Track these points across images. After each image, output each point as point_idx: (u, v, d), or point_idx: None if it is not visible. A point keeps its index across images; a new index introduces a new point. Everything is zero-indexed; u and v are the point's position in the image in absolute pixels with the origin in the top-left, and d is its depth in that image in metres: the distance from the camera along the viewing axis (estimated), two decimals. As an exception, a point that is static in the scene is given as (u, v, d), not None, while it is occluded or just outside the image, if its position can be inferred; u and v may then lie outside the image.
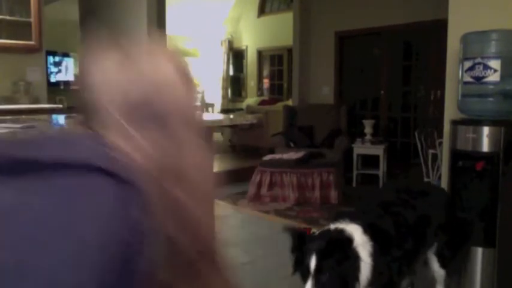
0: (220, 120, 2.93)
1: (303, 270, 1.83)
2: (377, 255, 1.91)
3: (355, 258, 1.86)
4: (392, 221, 2.12)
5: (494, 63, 2.51)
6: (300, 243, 1.91)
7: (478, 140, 2.56)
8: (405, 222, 2.16)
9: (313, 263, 1.78)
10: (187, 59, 0.82)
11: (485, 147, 2.54)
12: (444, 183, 3.09)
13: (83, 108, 0.73)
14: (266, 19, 10.77)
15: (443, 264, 2.46)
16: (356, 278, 1.85)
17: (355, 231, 1.91)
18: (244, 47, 11.52)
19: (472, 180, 2.61)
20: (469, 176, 2.62)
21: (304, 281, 1.80)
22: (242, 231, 4.32)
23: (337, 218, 2.03)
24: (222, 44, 11.97)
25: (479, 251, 2.62)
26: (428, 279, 2.59)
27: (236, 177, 6.32)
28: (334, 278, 1.80)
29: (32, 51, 5.01)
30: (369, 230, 1.95)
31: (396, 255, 2.05)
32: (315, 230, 2.05)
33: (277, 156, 5.73)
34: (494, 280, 2.53)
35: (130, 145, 0.66)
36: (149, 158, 0.65)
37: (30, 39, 4.89)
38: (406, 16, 6.36)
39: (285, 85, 10.53)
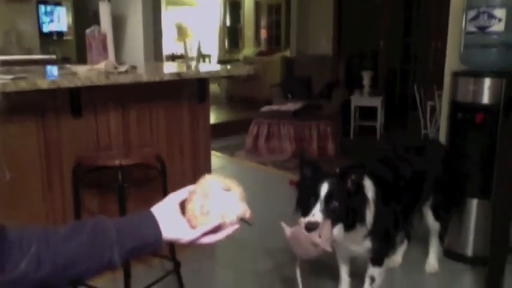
0: (217, 71, 2.88)
1: (312, 195, 1.74)
2: (379, 201, 1.91)
3: (364, 195, 1.85)
4: (391, 174, 2.12)
5: (499, 12, 2.44)
6: (312, 172, 1.84)
7: (478, 92, 2.53)
8: (403, 176, 2.16)
9: (324, 188, 1.74)
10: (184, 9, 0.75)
11: (486, 99, 2.51)
12: (442, 135, 3.08)
13: None
14: (264, -34, 10.42)
15: (437, 217, 2.48)
16: (363, 215, 1.83)
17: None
18: (241, -4, 11.20)
19: (471, 132, 2.59)
20: (468, 128, 2.60)
21: (306, 212, 1.72)
22: (239, 183, 4.34)
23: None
24: (218, -7, 11.64)
25: (475, 202, 2.64)
26: (423, 230, 2.64)
27: (233, 128, 6.31)
28: (342, 209, 1.76)
29: (22, 0, 4.86)
30: (371, 178, 1.94)
31: (394, 208, 2.06)
32: None
33: (274, 107, 5.69)
34: (487, 230, 2.56)
35: None
36: None
37: (19, -13, 4.74)
38: (408, -37, 6.15)
39: (283, 36, 10.32)
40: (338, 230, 1.77)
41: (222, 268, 2.75)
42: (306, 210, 1.74)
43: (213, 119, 6.21)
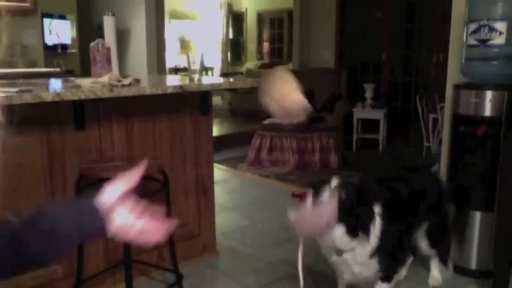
0: (219, 84, 2.89)
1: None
2: (385, 216, 1.91)
3: (372, 210, 1.86)
4: (395, 192, 2.11)
5: (500, 26, 2.45)
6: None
7: (480, 105, 2.53)
8: (403, 196, 2.15)
9: (335, 181, 1.77)
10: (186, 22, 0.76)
11: (488, 111, 2.51)
12: (445, 148, 3.08)
13: None
14: (266, -20, 10.52)
15: (432, 245, 2.45)
16: (367, 225, 1.83)
17: None
18: (243, 10, 11.30)
19: (473, 145, 2.59)
20: (470, 141, 2.60)
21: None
22: (241, 195, 4.35)
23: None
24: (221, 7, 11.74)
25: (478, 215, 2.63)
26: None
27: (236, 141, 6.32)
28: (348, 205, 1.76)
29: (26, 13, 4.91)
30: (377, 195, 1.95)
31: (398, 228, 2.04)
32: None
33: (277, 120, 5.69)
34: (491, 243, 2.55)
35: None
36: None
37: (24, 1, 4.79)
38: (409, -23, 6.19)
39: (285, 48, 10.39)
40: (341, 233, 1.78)
41: (225, 280, 2.74)
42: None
43: (215, 131, 6.22)
